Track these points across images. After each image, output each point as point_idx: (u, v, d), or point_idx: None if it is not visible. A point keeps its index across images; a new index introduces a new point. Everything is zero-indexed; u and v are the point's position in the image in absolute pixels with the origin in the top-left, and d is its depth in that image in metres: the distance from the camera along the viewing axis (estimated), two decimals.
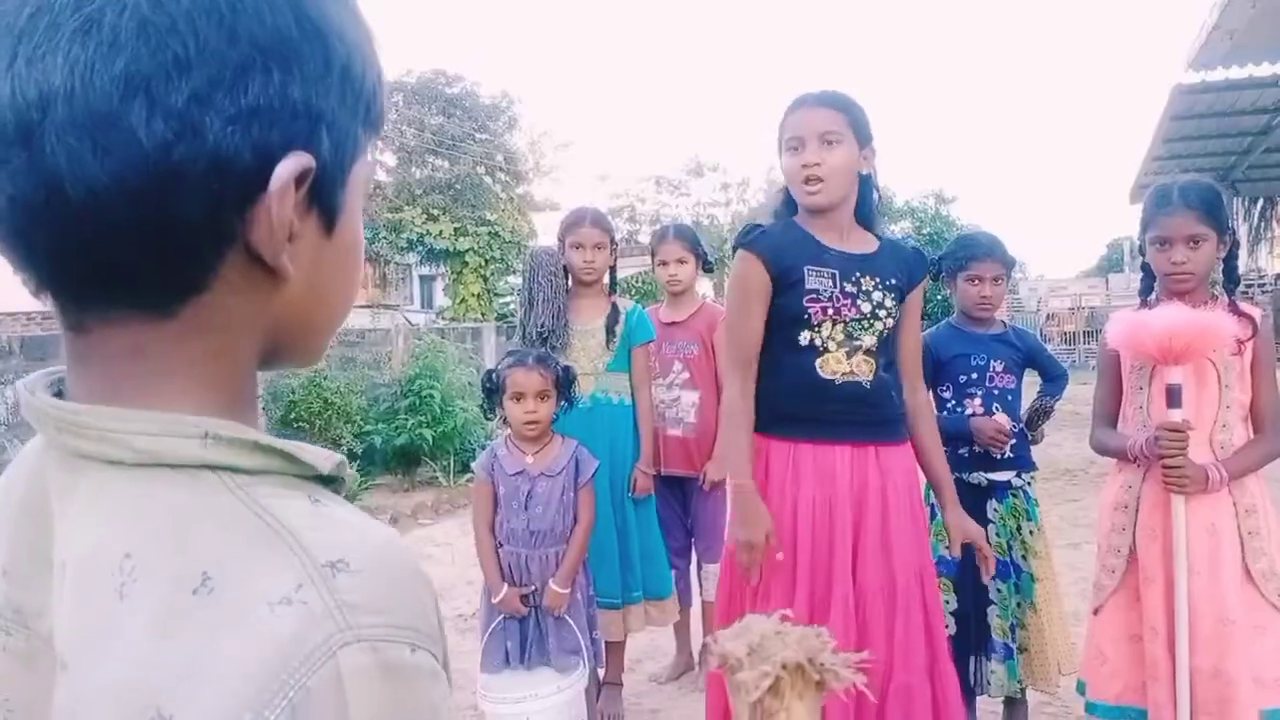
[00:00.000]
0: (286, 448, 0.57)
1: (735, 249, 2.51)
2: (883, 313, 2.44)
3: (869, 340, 2.43)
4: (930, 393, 3.18)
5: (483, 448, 3.71)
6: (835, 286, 2.40)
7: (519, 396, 2.90)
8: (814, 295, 2.39)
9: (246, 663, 0.48)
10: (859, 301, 2.41)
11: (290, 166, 0.55)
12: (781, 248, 2.43)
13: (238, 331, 0.59)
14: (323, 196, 0.59)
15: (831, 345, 2.41)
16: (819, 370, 2.40)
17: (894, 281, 2.47)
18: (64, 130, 0.51)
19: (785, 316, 2.42)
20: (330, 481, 0.59)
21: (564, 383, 2.98)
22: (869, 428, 2.43)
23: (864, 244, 2.50)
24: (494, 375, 3.00)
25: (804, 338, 2.41)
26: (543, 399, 2.91)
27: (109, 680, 0.50)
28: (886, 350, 2.48)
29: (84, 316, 0.57)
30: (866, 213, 2.53)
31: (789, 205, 2.53)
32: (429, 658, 0.53)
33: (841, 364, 2.40)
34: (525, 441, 2.95)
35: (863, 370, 2.42)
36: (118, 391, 0.57)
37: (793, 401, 2.43)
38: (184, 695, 0.48)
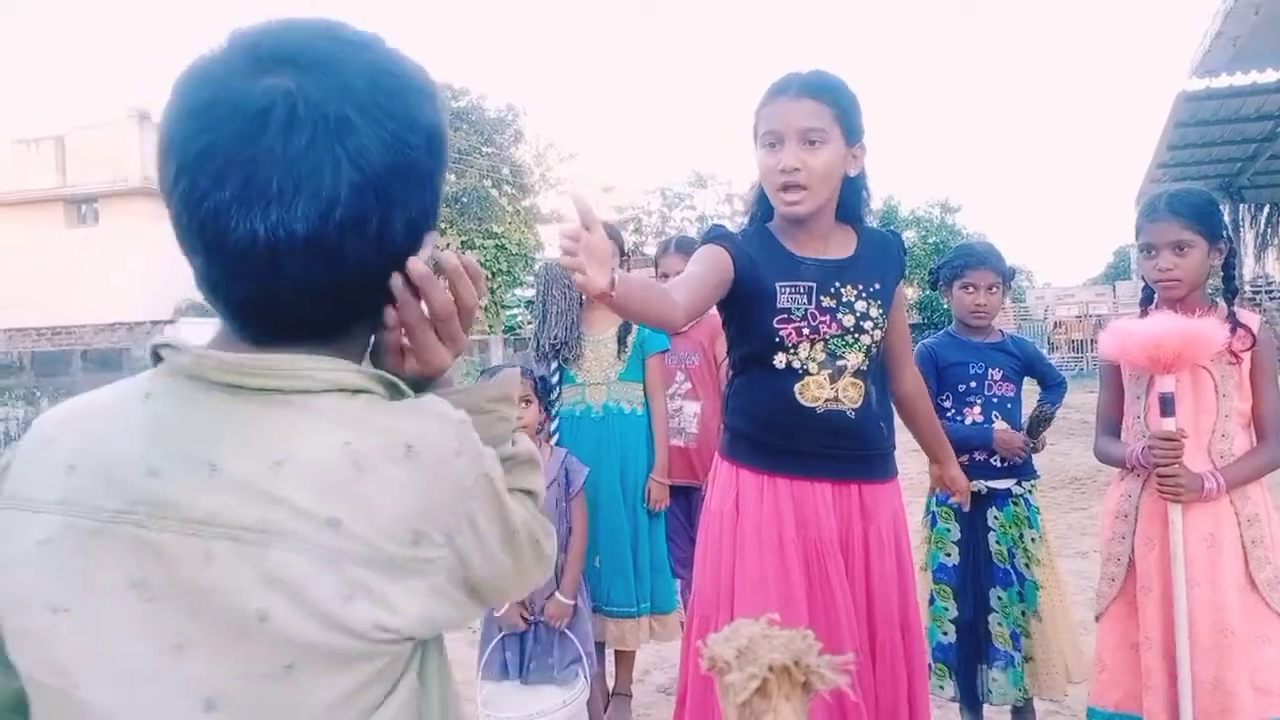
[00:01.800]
0: (392, 379, 0.86)
1: (706, 240, 2.20)
2: (868, 324, 2.16)
3: (855, 359, 2.14)
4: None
5: None
6: (810, 302, 2.12)
7: None
8: (785, 315, 2.11)
9: (450, 494, 0.82)
10: (839, 315, 2.13)
11: (428, 249, 0.87)
12: (749, 255, 2.13)
13: (356, 342, 0.89)
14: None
15: (812, 367, 2.12)
16: (798, 396, 2.11)
17: (878, 286, 2.19)
18: (301, 255, 0.78)
19: (755, 335, 2.13)
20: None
21: (542, 391, 3.03)
22: (853, 464, 2.16)
23: (844, 246, 2.21)
24: None
25: (779, 360, 2.12)
26: (525, 404, 2.94)
27: (375, 520, 0.78)
28: (877, 371, 2.21)
29: (268, 341, 0.83)
30: (851, 214, 2.24)
31: (763, 203, 2.24)
32: (490, 456, 0.89)
33: (824, 389, 2.12)
34: None
35: (849, 397, 2.14)
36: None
37: (768, 430, 2.16)
38: (426, 518, 0.80)
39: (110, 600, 0.76)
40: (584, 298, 3.57)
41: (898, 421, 2.38)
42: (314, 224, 0.77)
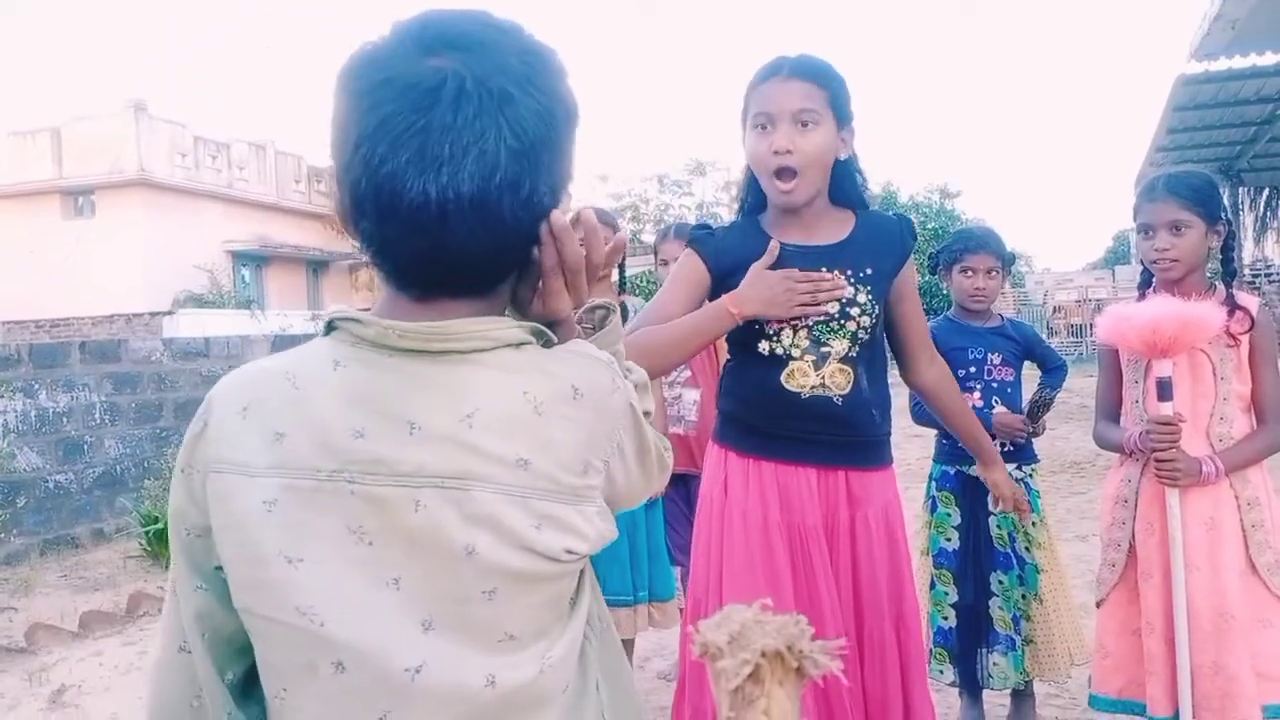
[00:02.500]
0: (541, 327, 0.99)
1: (686, 242, 2.23)
2: (855, 310, 2.10)
3: (840, 345, 2.10)
4: None
5: None
6: None
7: None
8: None
9: (609, 425, 0.99)
10: (824, 302, 2.09)
11: (567, 202, 0.98)
12: (729, 251, 2.14)
13: (508, 296, 1.01)
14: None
15: (795, 353, 2.10)
16: (784, 383, 2.10)
17: (868, 271, 2.12)
18: (465, 213, 0.88)
19: (739, 327, 2.10)
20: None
21: None
22: (839, 450, 2.12)
23: (836, 231, 2.16)
24: None
25: (763, 347, 2.11)
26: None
27: (567, 462, 0.93)
28: (869, 358, 2.16)
29: (431, 296, 0.95)
30: (846, 196, 2.19)
31: (751, 188, 2.22)
32: (636, 386, 1.08)
33: (809, 376, 2.09)
34: None
35: (836, 384, 2.10)
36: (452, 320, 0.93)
37: (755, 414, 2.15)
38: (592, 449, 0.96)
39: (334, 547, 0.88)
40: None
41: (899, 406, 2.34)
42: (478, 185, 0.88)
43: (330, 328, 0.96)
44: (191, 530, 0.93)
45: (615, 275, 3.61)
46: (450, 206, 0.88)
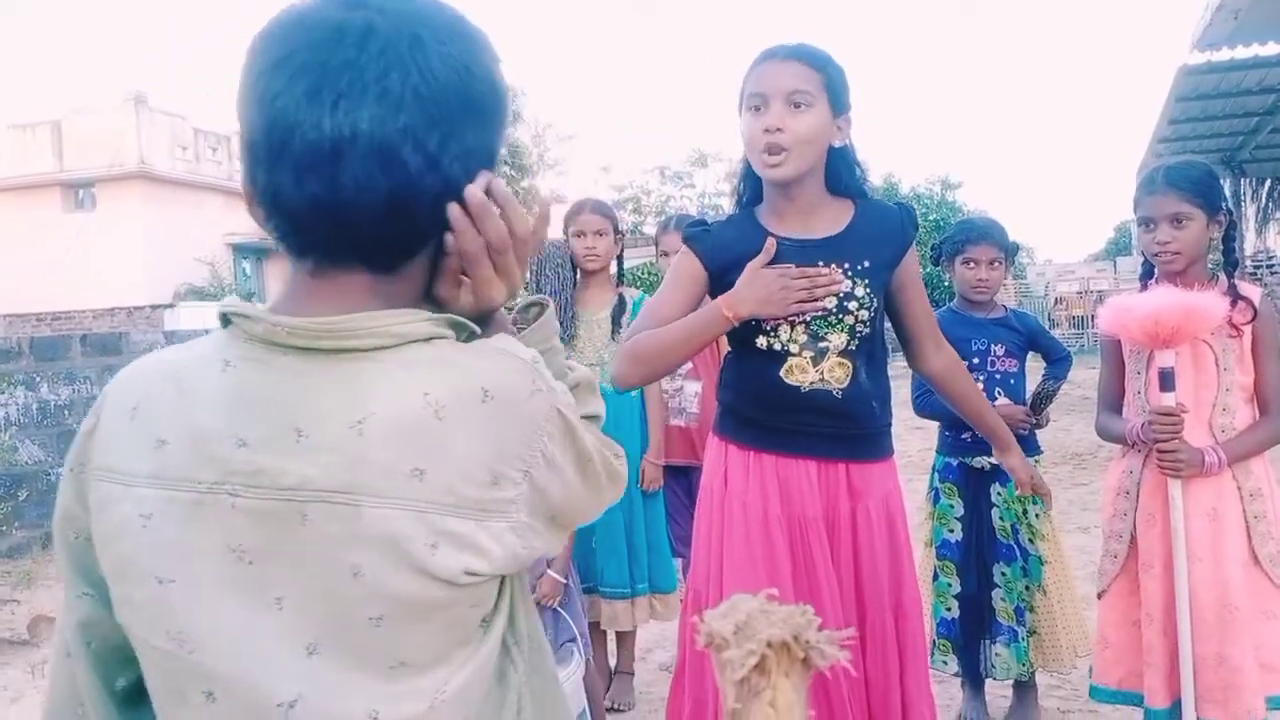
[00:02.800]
0: (461, 319, 0.89)
1: (682, 240, 2.22)
2: (852, 304, 2.08)
3: (839, 340, 2.09)
4: None
5: None
6: None
7: None
8: None
9: (525, 432, 0.85)
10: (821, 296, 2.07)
11: (481, 182, 0.88)
12: (725, 246, 2.13)
13: (423, 284, 0.91)
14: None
15: (793, 349, 2.09)
16: (783, 377, 2.09)
17: (867, 264, 2.10)
18: (364, 157, 0.81)
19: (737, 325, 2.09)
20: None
21: None
22: (840, 442, 2.12)
23: (833, 222, 2.14)
24: None
25: (760, 343, 2.10)
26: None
27: (457, 467, 0.81)
28: (869, 351, 2.14)
29: (330, 268, 0.87)
30: (845, 186, 2.17)
31: (748, 179, 2.22)
32: (564, 393, 0.93)
33: (808, 372, 2.09)
34: None
35: (835, 377, 2.09)
36: (351, 313, 0.84)
37: (754, 407, 2.15)
38: (504, 459, 0.84)
39: (213, 566, 0.81)
40: (577, 278, 3.55)
41: (901, 398, 2.34)
42: (378, 125, 0.81)
43: (226, 321, 0.88)
44: (79, 534, 0.88)
45: (614, 267, 3.61)
46: (345, 146, 0.81)
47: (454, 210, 0.87)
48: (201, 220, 23.34)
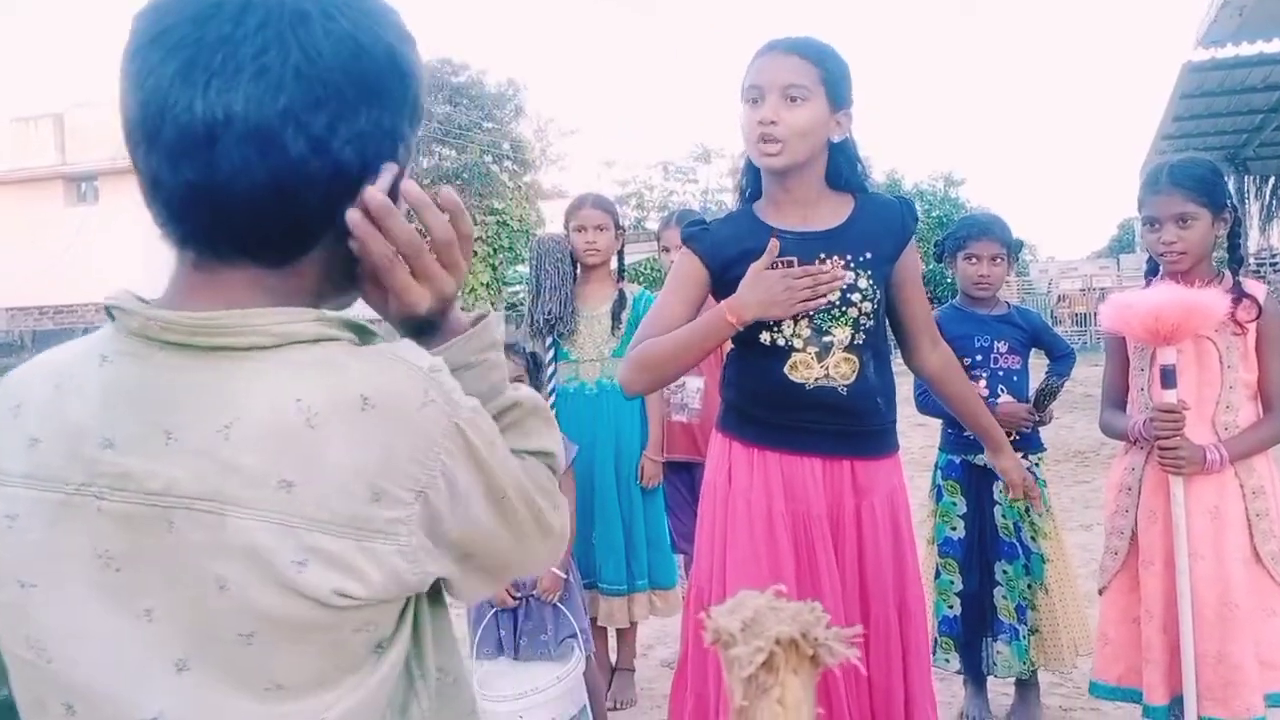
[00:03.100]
0: (361, 322, 0.84)
1: (681, 240, 2.20)
2: (855, 296, 2.07)
3: (843, 334, 2.08)
4: None
5: None
6: None
7: None
8: None
9: (417, 447, 0.77)
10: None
11: (385, 179, 0.82)
12: (724, 243, 2.12)
13: (318, 281, 0.84)
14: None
15: (798, 344, 2.07)
16: (788, 374, 2.08)
17: (868, 255, 2.09)
18: (239, 141, 0.75)
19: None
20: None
21: (531, 369, 3.01)
22: (845, 440, 2.11)
23: (833, 215, 2.13)
24: None
25: (764, 338, 2.08)
26: (516, 385, 2.93)
27: (331, 480, 0.74)
28: (874, 345, 2.14)
29: (214, 261, 0.81)
30: (846, 180, 2.17)
31: (750, 173, 2.22)
32: (476, 408, 0.83)
33: (813, 368, 2.08)
34: None
35: (840, 373, 2.08)
36: (232, 308, 0.78)
37: (758, 404, 2.14)
38: (388, 474, 0.76)
39: (79, 571, 0.77)
40: (577, 273, 3.55)
41: (904, 395, 2.33)
42: (255, 107, 0.75)
43: (110, 313, 0.82)
44: None
45: (614, 263, 3.61)
46: (219, 129, 0.75)
47: (352, 217, 0.81)
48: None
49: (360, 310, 0.93)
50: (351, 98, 0.79)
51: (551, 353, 3.52)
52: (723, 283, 2.11)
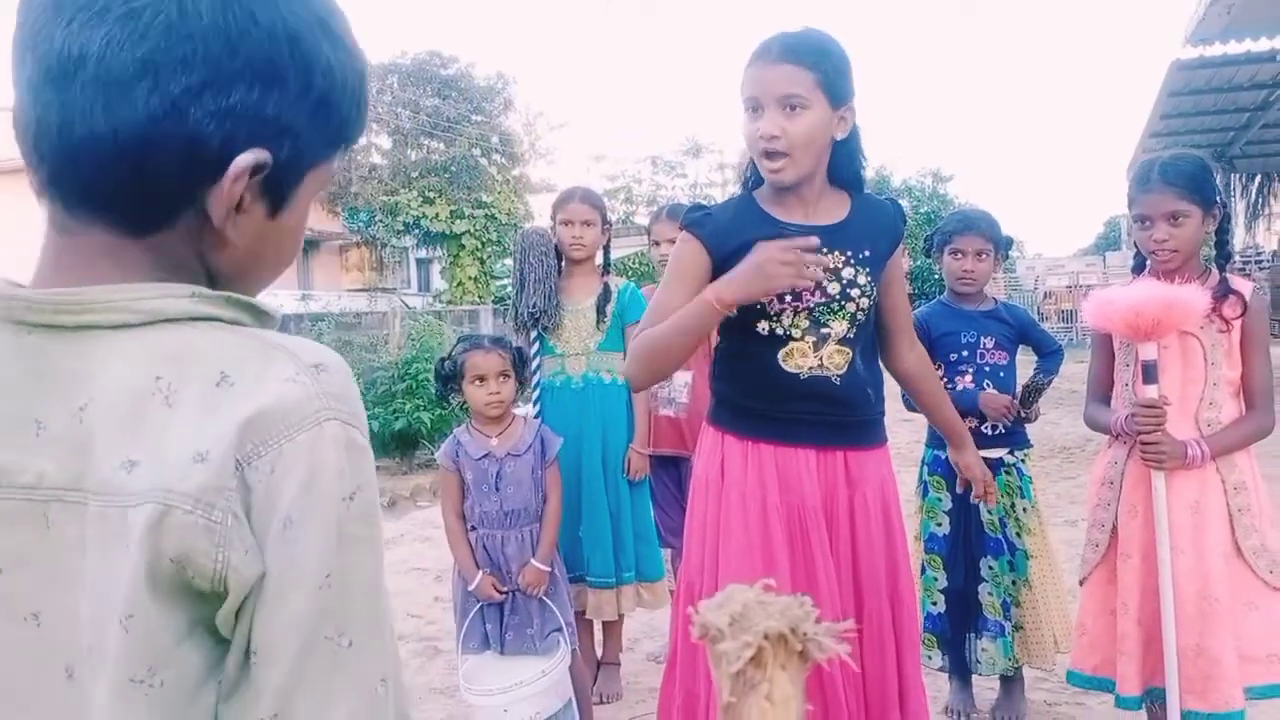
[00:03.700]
0: (251, 300, 0.78)
1: (681, 226, 2.19)
2: (855, 292, 2.10)
3: (840, 327, 2.10)
4: None
5: None
6: None
7: (481, 379, 2.92)
8: None
9: (256, 417, 0.68)
10: (825, 283, 2.07)
11: (247, 159, 0.74)
12: (728, 231, 2.10)
13: (188, 262, 0.78)
14: (274, 187, 0.77)
15: (795, 334, 2.09)
16: (782, 364, 2.09)
17: (867, 253, 2.12)
18: (88, 84, 0.70)
19: (739, 308, 2.07)
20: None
21: (518, 363, 3.01)
22: (837, 430, 2.13)
23: (834, 211, 2.15)
24: (448, 362, 3.01)
25: (762, 328, 2.09)
26: (504, 379, 2.93)
27: (178, 457, 0.68)
28: (865, 338, 2.17)
29: (71, 221, 0.75)
30: (843, 177, 2.17)
31: (755, 167, 2.18)
32: (368, 444, 0.74)
33: (808, 357, 2.09)
34: (488, 423, 2.97)
35: (834, 364, 2.10)
36: (97, 283, 0.73)
37: (752, 396, 2.14)
38: (217, 439, 0.68)
39: None
40: (562, 266, 3.54)
41: (893, 391, 2.35)
42: (113, 49, 0.70)
43: None
44: None
45: (600, 257, 3.60)
46: (72, 66, 0.70)
47: (221, 194, 0.75)
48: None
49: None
50: (226, 69, 0.72)
51: (537, 346, 3.51)
52: (724, 265, 2.07)
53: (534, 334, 3.50)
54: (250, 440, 0.68)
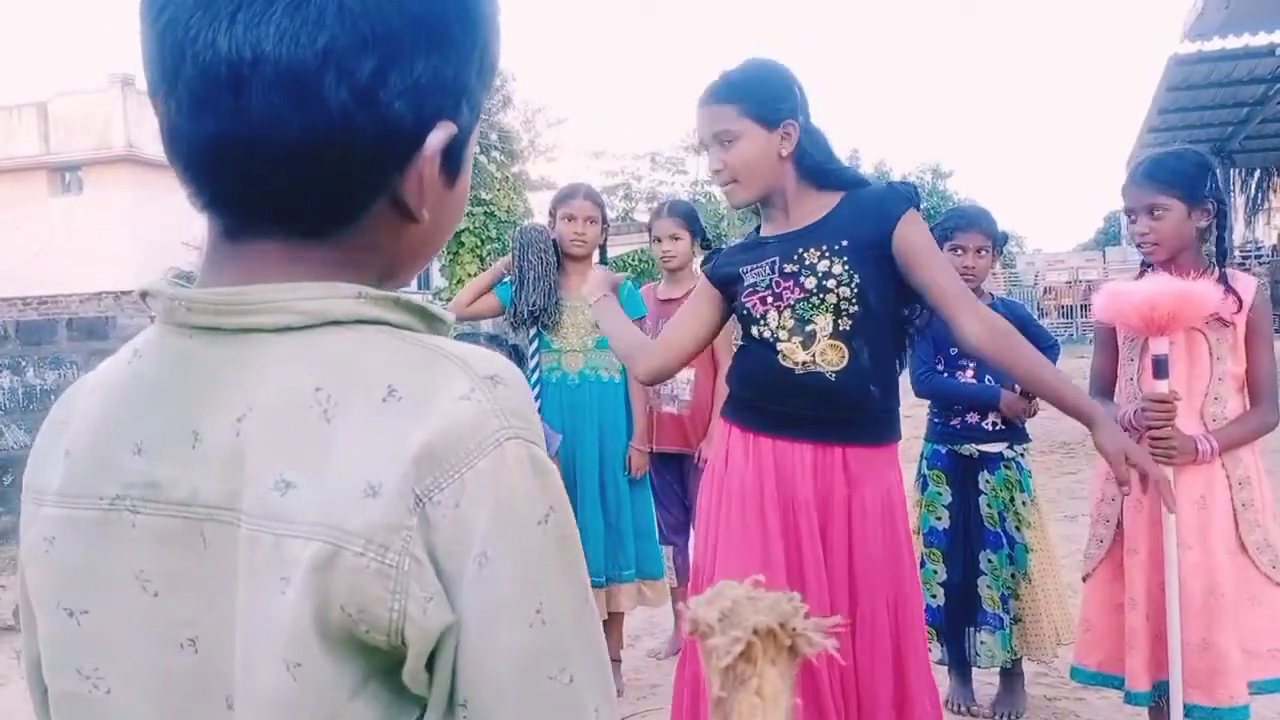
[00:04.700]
0: (422, 304, 0.70)
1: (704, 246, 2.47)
2: (831, 282, 2.11)
3: (824, 320, 2.12)
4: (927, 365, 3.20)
5: None
6: (773, 273, 2.16)
7: None
8: (751, 289, 2.18)
9: (433, 444, 0.60)
10: (802, 279, 2.13)
11: (441, 137, 0.68)
12: (724, 262, 2.31)
13: (370, 255, 0.71)
14: (453, 155, 0.71)
15: (783, 335, 2.15)
16: (780, 360, 2.15)
17: (844, 243, 2.13)
18: (270, 87, 0.62)
19: (739, 319, 2.27)
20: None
21: (515, 361, 3.01)
22: (834, 426, 2.14)
23: (814, 213, 2.20)
24: None
25: (755, 332, 2.20)
26: None
27: (345, 487, 0.60)
28: (871, 333, 2.14)
29: (243, 228, 0.68)
30: (826, 178, 2.21)
31: None
32: (550, 462, 0.67)
33: (797, 353, 2.13)
34: None
35: (828, 360, 2.12)
36: (270, 282, 0.66)
37: (754, 391, 2.23)
38: (389, 470, 0.60)
39: (122, 596, 0.67)
40: (561, 262, 3.54)
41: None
42: (289, 47, 0.62)
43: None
44: (23, 566, 0.76)
45: (596, 255, 3.60)
46: (246, 70, 0.62)
47: (415, 177, 0.68)
48: (189, 204, 23.23)
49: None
50: (407, 42, 0.65)
51: (535, 344, 3.51)
52: (728, 290, 2.29)
53: (533, 331, 3.51)
54: (429, 471, 0.60)
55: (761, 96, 2.15)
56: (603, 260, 3.68)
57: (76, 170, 23.17)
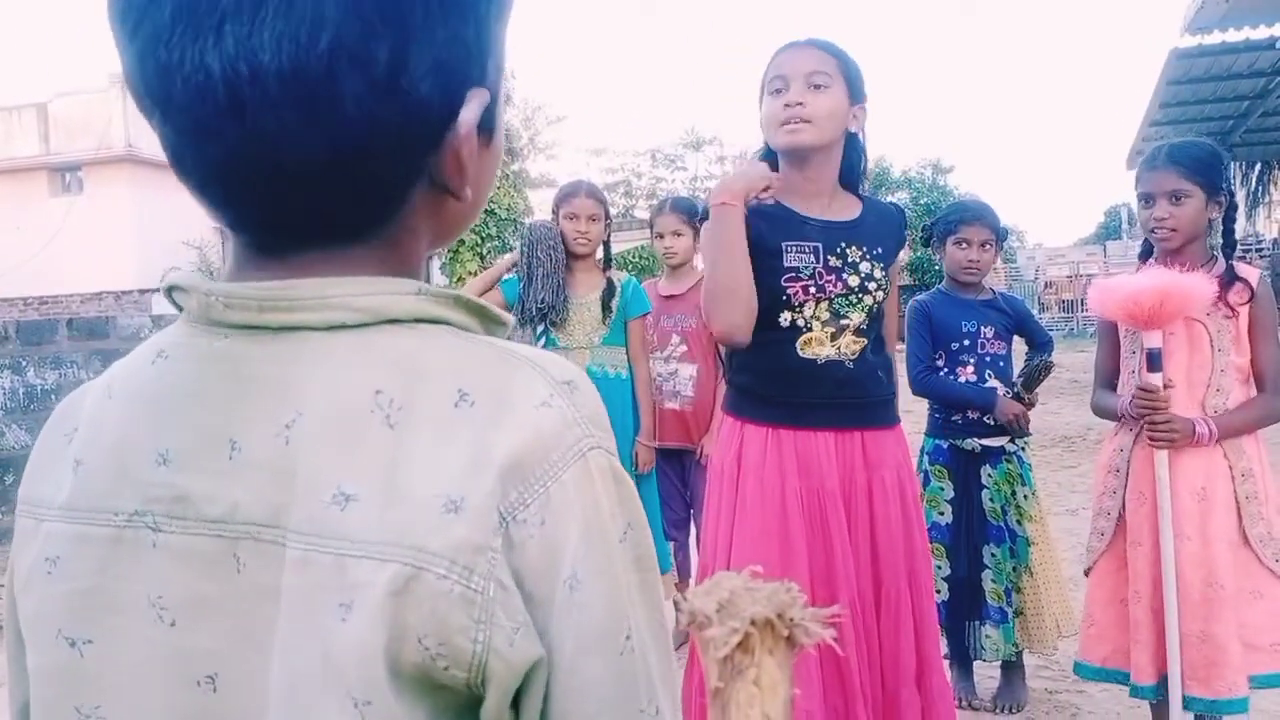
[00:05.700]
0: (482, 304, 0.64)
1: (702, 218, 2.26)
2: (872, 285, 2.20)
3: (857, 318, 2.19)
4: (928, 359, 3.19)
5: None
6: (818, 261, 2.15)
7: None
8: (793, 274, 2.14)
9: (518, 455, 0.55)
10: (845, 275, 2.17)
11: (475, 110, 0.61)
12: (758, 216, 2.16)
13: (414, 240, 0.65)
14: (487, 117, 0.64)
15: (815, 325, 2.17)
16: (799, 351, 2.16)
17: (881, 250, 2.23)
18: (276, 105, 0.54)
19: (762, 294, 2.13)
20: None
21: None
22: (854, 411, 2.20)
23: (848, 210, 2.26)
24: None
25: (784, 319, 2.17)
26: None
27: (421, 502, 0.54)
28: (877, 330, 2.25)
29: (273, 245, 0.61)
30: (852, 177, 2.29)
31: (768, 158, 2.29)
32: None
33: (824, 346, 2.17)
34: None
35: (850, 351, 2.18)
36: (310, 278, 0.60)
37: (771, 384, 2.20)
38: (470, 483, 0.54)
39: (133, 625, 0.60)
40: (569, 260, 3.54)
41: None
42: (288, 52, 0.53)
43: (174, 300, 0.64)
44: (9, 590, 0.67)
45: (600, 252, 3.60)
46: (246, 89, 0.54)
47: (452, 155, 0.61)
48: (189, 204, 22.86)
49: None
50: (419, 13, 0.57)
51: (541, 341, 3.51)
52: (755, 254, 2.14)
53: (540, 329, 3.51)
54: (514, 486, 0.55)
55: (855, 68, 2.20)
56: (607, 258, 3.68)
57: (76, 170, 23.16)
